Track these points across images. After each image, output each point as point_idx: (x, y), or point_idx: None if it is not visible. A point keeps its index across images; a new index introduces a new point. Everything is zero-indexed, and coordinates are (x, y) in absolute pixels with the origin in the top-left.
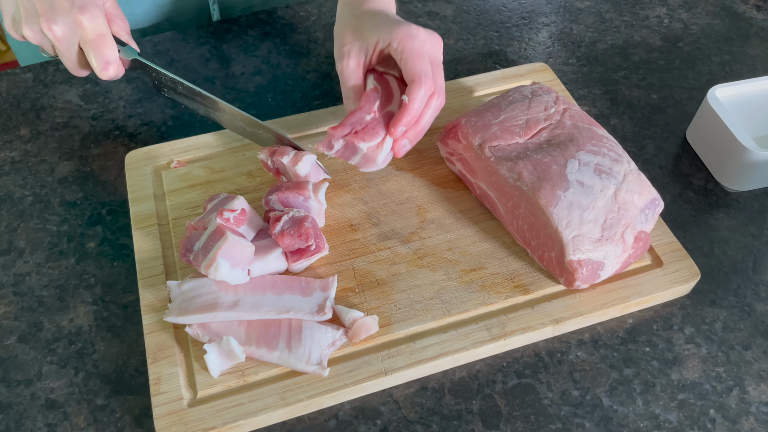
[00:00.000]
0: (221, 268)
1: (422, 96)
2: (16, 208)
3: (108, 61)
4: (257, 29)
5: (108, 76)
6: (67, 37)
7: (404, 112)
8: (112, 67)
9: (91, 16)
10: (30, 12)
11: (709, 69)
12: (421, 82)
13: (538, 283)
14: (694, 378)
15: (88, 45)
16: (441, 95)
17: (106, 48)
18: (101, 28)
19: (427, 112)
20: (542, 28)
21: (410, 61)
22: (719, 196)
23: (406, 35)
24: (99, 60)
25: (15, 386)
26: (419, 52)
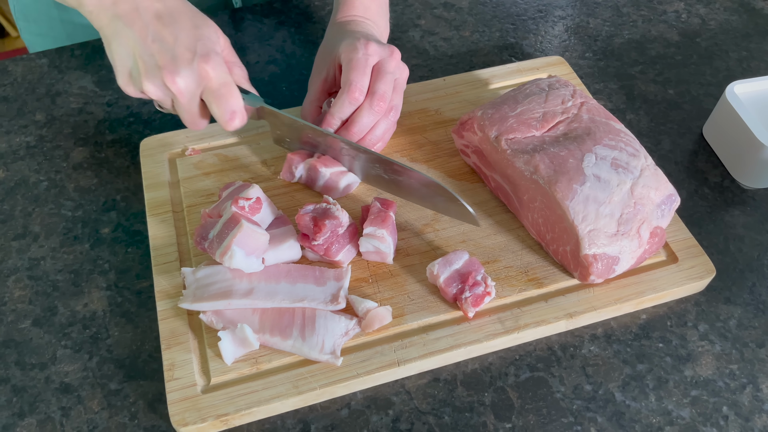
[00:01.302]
0: (236, 256)
1: (346, 103)
2: (31, 193)
3: (234, 111)
4: (272, 18)
5: (233, 127)
6: (191, 89)
7: (325, 116)
8: (237, 117)
9: (215, 65)
10: (150, 65)
11: (726, 65)
12: (344, 89)
13: (552, 276)
14: (707, 375)
15: (212, 96)
16: (378, 100)
17: (232, 98)
18: (225, 77)
19: (358, 117)
20: (558, 21)
21: (345, 71)
22: (735, 193)
23: (350, 48)
24: (225, 111)
25: (29, 369)
26: (355, 63)
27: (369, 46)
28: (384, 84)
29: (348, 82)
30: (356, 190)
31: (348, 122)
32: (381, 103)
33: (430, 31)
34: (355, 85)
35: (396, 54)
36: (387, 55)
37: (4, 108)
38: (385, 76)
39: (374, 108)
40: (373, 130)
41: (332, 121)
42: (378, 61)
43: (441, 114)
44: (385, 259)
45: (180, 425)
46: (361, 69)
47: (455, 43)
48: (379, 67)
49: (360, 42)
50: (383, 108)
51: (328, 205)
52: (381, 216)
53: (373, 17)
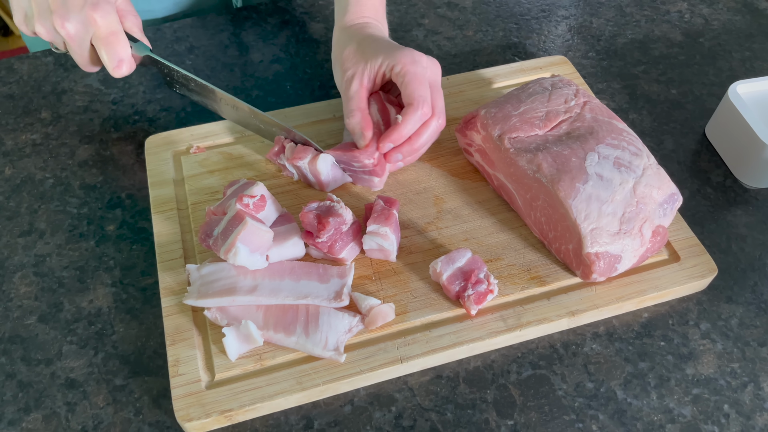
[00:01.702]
0: (240, 253)
1: (416, 118)
2: (37, 190)
3: (121, 58)
4: (276, 17)
5: (120, 74)
6: (80, 34)
7: (393, 130)
8: (125, 64)
9: (103, 13)
10: (43, 8)
11: (729, 65)
12: (417, 106)
13: (555, 275)
14: (708, 373)
15: (100, 42)
16: (441, 117)
17: (119, 45)
18: (113, 26)
19: (424, 132)
20: (562, 21)
21: (411, 86)
22: (738, 193)
23: (409, 60)
24: (112, 58)
25: (35, 365)
26: (420, 77)
27: (423, 59)
28: (442, 102)
29: (419, 98)
30: (359, 189)
31: (413, 136)
32: (442, 121)
33: (433, 31)
34: (426, 101)
35: (440, 68)
36: (437, 70)
37: (10, 106)
38: (441, 94)
39: (439, 125)
40: (428, 145)
41: (401, 136)
42: (430, 74)
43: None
44: (388, 256)
45: (184, 421)
46: (425, 83)
47: (459, 43)
48: (435, 84)
49: (416, 54)
50: (443, 125)
51: (332, 203)
52: (384, 214)
53: (380, 18)
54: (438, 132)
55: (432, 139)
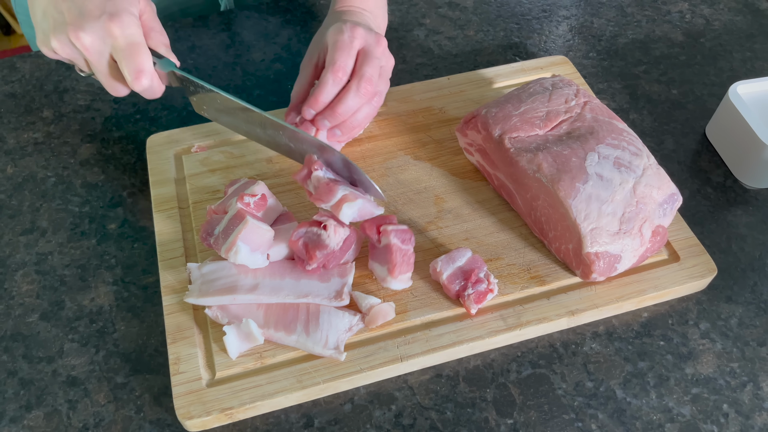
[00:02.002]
0: (241, 252)
1: (329, 82)
2: (39, 188)
3: (140, 70)
4: (278, 16)
5: (142, 87)
6: (97, 46)
7: (310, 96)
8: (144, 76)
9: (123, 24)
10: (58, 22)
11: (730, 65)
12: (328, 69)
13: (555, 274)
14: (708, 373)
15: (119, 54)
16: (365, 83)
17: (139, 56)
18: (134, 37)
19: (345, 97)
20: (563, 21)
21: (330, 52)
22: (738, 193)
23: (335, 31)
24: (131, 69)
25: (37, 363)
26: (341, 45)
27: (355, 29)
28: (370, 68)
29: (332, 62)
30: None
31: (333, 103)
32: (368, 86)
33: (434, 30)
34: (338, 64)
35: (382, 41)
36: (373, 41)
37: (12, 104)
38: (371, 60)
39: (360, 91)
40: (355, 113)
41: (317, 101)
42: (363, 45)
43: (445, 113)
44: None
45: (185, 418)
46: (346, 50)
47: (460, 42)
48: (365, 51)
49: (346, 25)
50: (369, 91)
51: (319, 231)
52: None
53: (370, 8)
54: (363, 98)
55: (361, 108)
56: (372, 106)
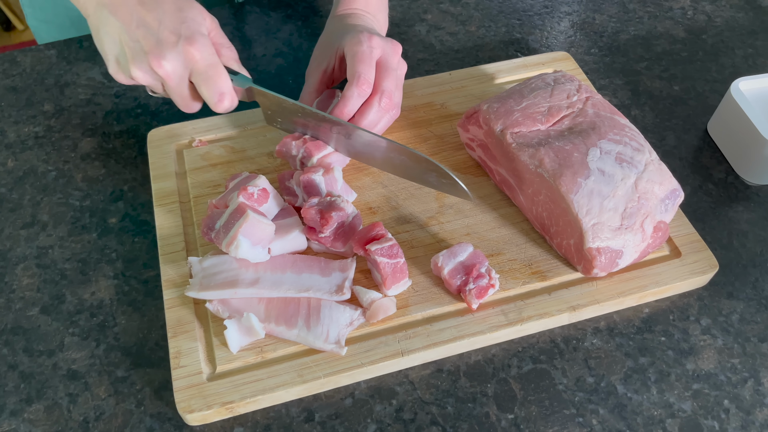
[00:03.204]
0: (242, 246)
1: (354, 95)
2: (40, 182)
3: (222, 91)
4: (279, 11)
5: (223, 108)
6: (178, 71)
7: (334, 108)
8: (227, 98)
9: (200, 47)
10: (136, 51)
11: (732, 62)
12: (353, 82)
13: (556, 270)
14: (709, 368)
15: (199, 77)
16: (386, 98)
17: (220, 79)
18: (211, 58)
19: (367, 112)
20: (564, 17)
21: (351, 64)
22: (739, 189)
23: (354, 41)
24: (213, 92)
25: (37, 356)
26: (362, 56)
27: (372, 39)
28: (390, 82)
29: (356, 75)
30: (360, 183)
31: (356, 117)
32: (388, 101)
33: (436, 26)
34: (363, 77)
35: (398, 48)
36: (390, 50)
37: (13, 98)
38: (390, 73)
39: (382, 106)
40: (376, 126)
41: (342, 115)
42: (381, 55)
43: (447, 108)
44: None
45: (186, 412)
46: (368, 61)
47: (461, 38)
48: (384, 64)
49: (364, 35)
50: (390, 106)
51: (333, 198)
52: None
53: (373, 11)
54: (384, 112)
55: (381, 120)
56: (391, 117)
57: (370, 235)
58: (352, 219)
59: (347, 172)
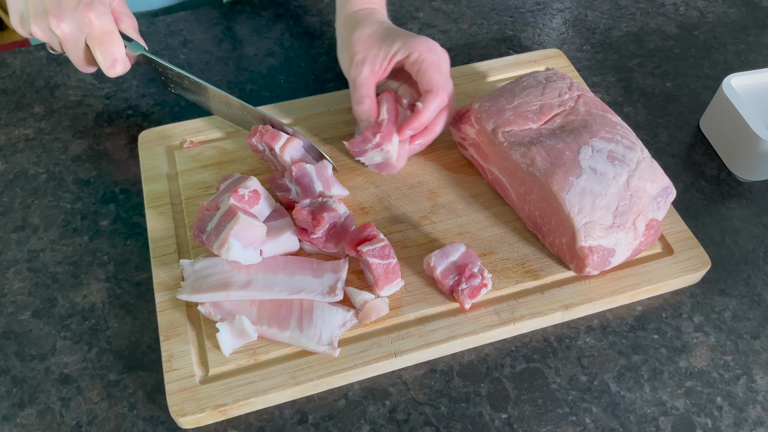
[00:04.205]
0: (233, 249)
1: (436, 105)
2: (30, 185)
3: (115, 58)
4: (270, 11)
5: (114, 73)
6: (75, 34)
7: (414, 117)
8: (119, 64)
9: (98, 13)
10: (38, 9)
11: (724, 58)
12: (437, 92)
13: (549, 268)
14: (702, 366)
15: (95, 42)
16: (452, 107)
17: (113, 45)
18: (108, 26)
19: (439, 121)
20: (556, 14)
21: (429, 73)
22: (732, 186)
23: (426, 48)
24: (106, 57)
25: (29, 360)
26: (437, 65)
27: (438, 48)
28: (453, 90)
29: (438, 86)
30: (353, 183)
31: (432, 124)
32: (452, 109)
33: (428, 24)
34: (445, 89)
35: (448, 58)
36: (447, 60)
37: (3, 100)
38: (450, 81)
39: (449, 114)
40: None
41: (421, 122)
42: (444, 64)
43: None
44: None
45: (179, 415)
46: (442, 71)
47: (453, 36)
48: (446, 73)
49: (432, 43)
50: (453, 112)
51: (324, 199)
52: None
53: (383, 5)
54: (448, 122)
55: (442, 129)
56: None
57: (362, 235)
58: (344, 219)
59: (340, 173)
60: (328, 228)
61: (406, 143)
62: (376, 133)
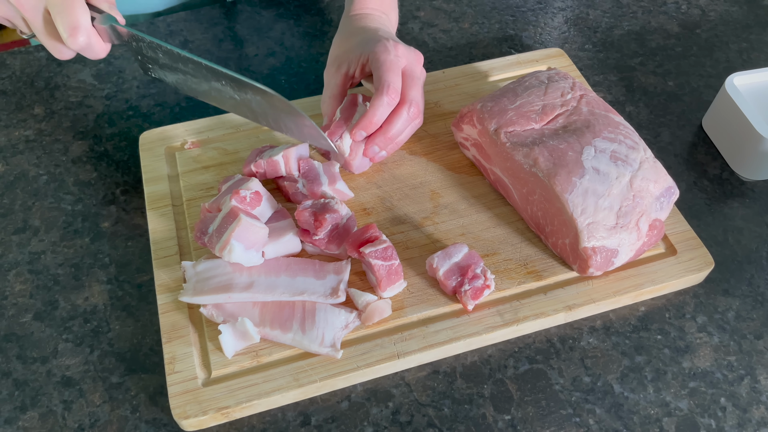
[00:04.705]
0: (235, 251)
1: (383, 104)
2: (31, 186)
3: (75, 26)
4: (271, 10)
5: (78, 45)
6: (31, 1)
7: (363, 117)
8: (80, 32)
9: None
10: None
11: (726, 57)
12: (382, 91)
13: (551, 269)
14: (705, 366)
15: (54, 8)
16: (413, 106)
17: (75, 10)
18: None
19: (395, 120)
20: (558, 12)
21: (378, 72)
22: (734, 186)
23: (381, 49)
24: (66, 24)
25: (31, 363)
26: (390, 65)
27: (398, 48)
28: (416, 91)
29: (386, 84)
30: (355, 184)
31: (384, 127)
32: (415, 110)
33: (429, 23)
34: (393, 86)
35: (420, 58)
36: (414, 59)
37: (3, 102)
38: (416, 83)
39: (410, 115)
40: (401, 134)
41: (371, 123)
42: (406, 64)
43: (440, 107)
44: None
45: (181, 418)
46: (396, 70)
47: (454, 35)
48: (409, 73)
49: (390, 43)
50: (417, 114)
51: (326, 200)
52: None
53: (386, 10)
54: (411, 121)
55: (406, 129)
56: (415, 125)
57: (364, 237)
58: (347, 221)
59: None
60: (330, 229)
61: (361, 143)
62: (325, 131)
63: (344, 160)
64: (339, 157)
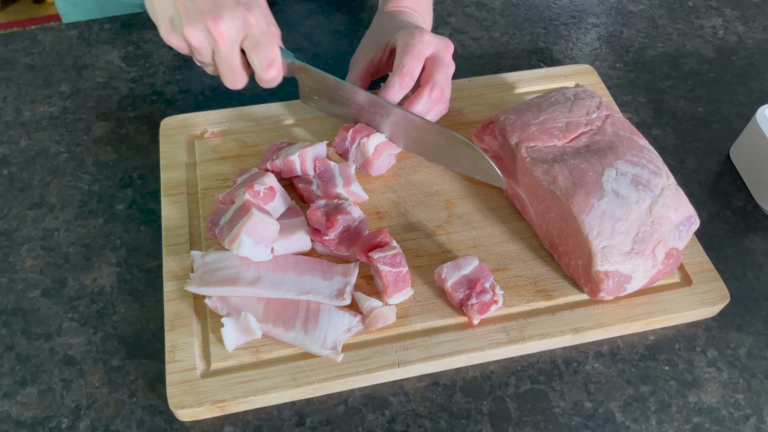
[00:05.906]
0: (244, 245)
1: (395, 86)
2: (51, 163)
3: (272, 59)
4: (302, 5)
5: (269, 76)
6: (232, 34)
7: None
8: (275, 66)
9: (257, 14)
10: (192, 11)
11: (760, 86)
12: (396, 72)
13: (562, 289)
14: (711, 402)
15: (252, 42)
16: (437, 90)
17: (273, 46)
18: (266, 27)
19: (414, 101)
20: (591, 28)
21: (399, 56)
22: (758, 219)
23: (406, 35)
24: (263, 58)
25: (35, 339)
26: (411, 49)
27: (425, 34)
28: (442, 74)
29: (401, 66)
30: (370, 187)
31: (405, 106)
32: (439, 93)
33: (459, 30)
34: (407, 69)
35: (450, 47)
36: (443, 47)
37: (31, 77)
38: (442, 67)
39: (433, 97)
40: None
41: (385, 97)
42: (433, 51)
43: (463, 115)
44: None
45: (177, 407)
46: (416, 55)
47: (484, 44)
48: (436, 58)
49: (417, 30)
50: (440, 98)
51: (340, 201)
52: None
53: (420, 10)
54: (433, 105)
55: (428, 114)
56: (440, 111)
57: (375, 241)
58: (358, 223)
59: (357, 176)
60: (341, 230)
61: (391, 151)
62: (349, 129)
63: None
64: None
